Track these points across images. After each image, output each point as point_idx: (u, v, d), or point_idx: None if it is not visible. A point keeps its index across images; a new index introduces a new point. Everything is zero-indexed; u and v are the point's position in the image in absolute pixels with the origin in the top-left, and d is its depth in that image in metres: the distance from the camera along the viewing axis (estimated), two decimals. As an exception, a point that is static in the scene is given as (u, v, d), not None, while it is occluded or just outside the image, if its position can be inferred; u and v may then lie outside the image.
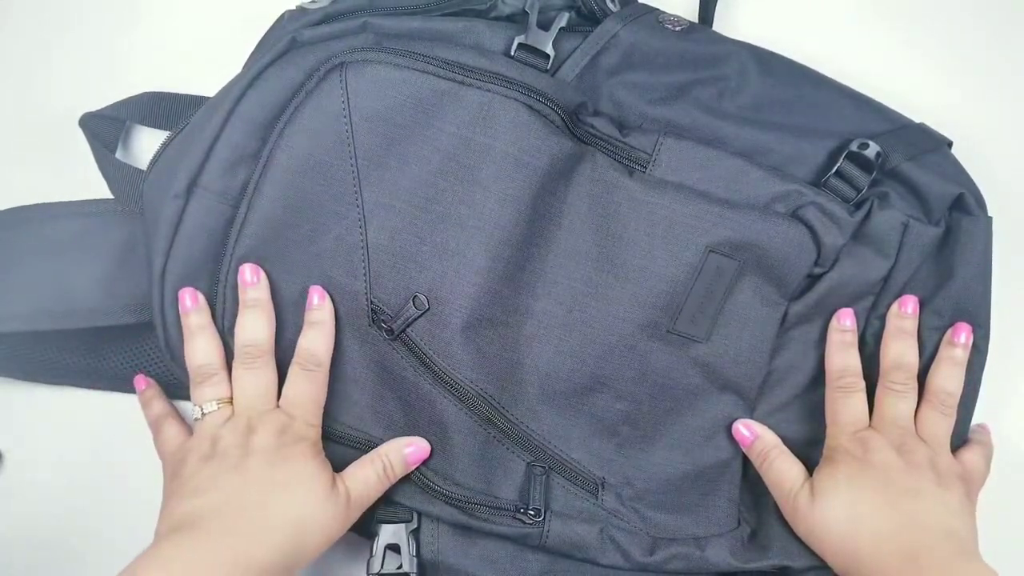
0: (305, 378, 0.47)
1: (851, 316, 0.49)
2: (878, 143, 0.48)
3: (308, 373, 0.47)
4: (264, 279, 0.47)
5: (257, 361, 0.47)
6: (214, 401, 0.47)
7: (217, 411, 0.46)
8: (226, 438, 0.45)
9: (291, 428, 0.46)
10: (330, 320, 0.47)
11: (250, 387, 0.47)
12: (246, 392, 0.47)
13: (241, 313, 0.47)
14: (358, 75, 0.46)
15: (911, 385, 0.48)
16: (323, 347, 0.47)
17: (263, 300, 0.47)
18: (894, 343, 0.49)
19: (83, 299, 0.51)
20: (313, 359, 0.47)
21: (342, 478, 0.46)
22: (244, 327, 0.47)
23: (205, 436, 0.46)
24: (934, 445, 0.47)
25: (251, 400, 0.46)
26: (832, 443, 0.48)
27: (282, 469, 0.44)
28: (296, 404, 0.47)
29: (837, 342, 0.49)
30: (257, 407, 0.46)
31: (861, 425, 0.48)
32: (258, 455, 0.44)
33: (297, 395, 0.47)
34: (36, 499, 0.55)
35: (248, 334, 0.47)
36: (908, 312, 0.49)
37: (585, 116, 0.48)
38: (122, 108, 0.54)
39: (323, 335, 0.47)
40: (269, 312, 0.47)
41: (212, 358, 0.47)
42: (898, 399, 0.48)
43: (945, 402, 0.48)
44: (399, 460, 0.48)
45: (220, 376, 0.47)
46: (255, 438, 0.45)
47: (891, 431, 0.47)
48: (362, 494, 0.47)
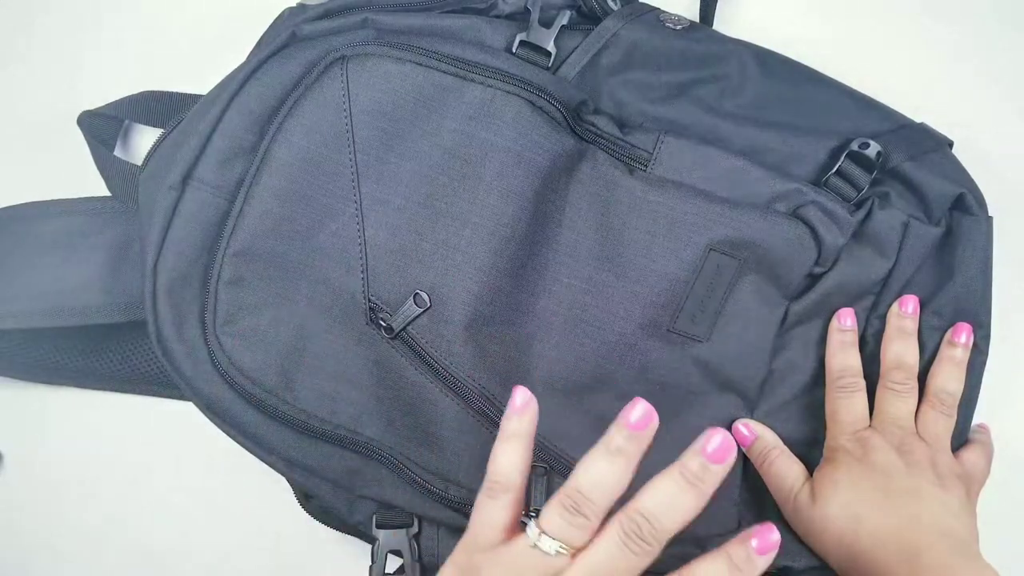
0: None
1: (851, 316, 0.49)
2: (879, 143, 0.48)
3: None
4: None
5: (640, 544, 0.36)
6: (559, 543, 0.36)
7: (553, 556, 0.36)
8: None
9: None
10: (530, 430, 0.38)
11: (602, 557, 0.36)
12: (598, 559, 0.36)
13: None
14: (359, 68, 0.46)
15: (911, 385, 0.48)
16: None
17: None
18: (894, 343, 0.49)
19: (79, 297, 0.51)
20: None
21: None
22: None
23: (514, 569, 0.36)
24: (934, 445, 0.47)
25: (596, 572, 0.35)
26: (832, 443, 0.48)
27: None
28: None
29: (837, 342, 0.49)
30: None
31: (861, 425, 0.48)
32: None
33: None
34: (36, 499, 0.55)
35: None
36: (908, 312, 0.49)
37: (586, 114, 0.48)
38: (120, 107, 0.54)
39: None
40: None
41: (596, 494, 0.37)
42: (898, 399, 0.48)
43: (945, 402, 0.48)
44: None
45: (590, 522, 0.36)
46: None
47: (891, 431, 0.47)
48: None
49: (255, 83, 0.46)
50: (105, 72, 0.57)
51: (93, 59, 0.57)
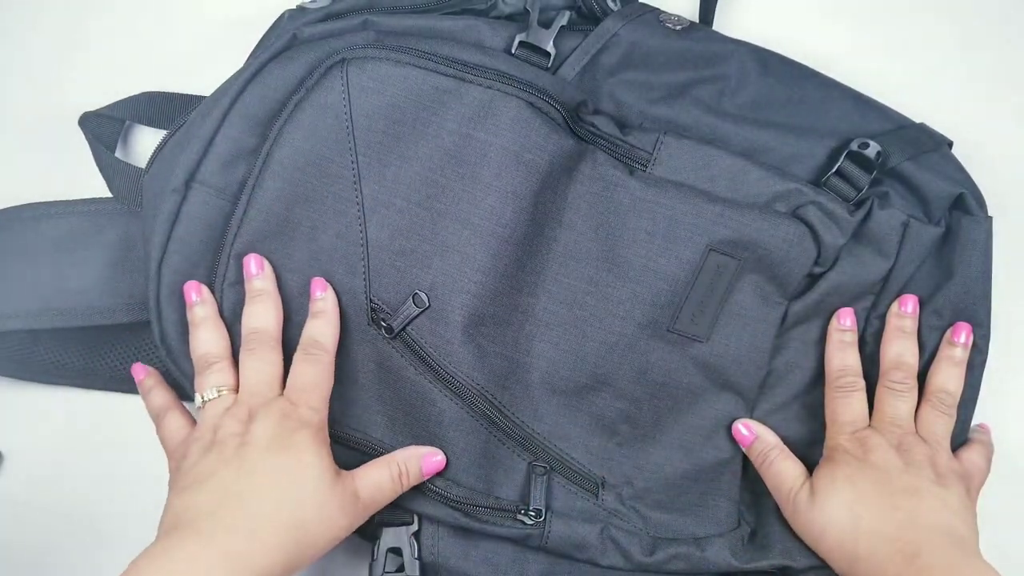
0: (308, 363, 0.46)
1: (851, 316, 0.49)
2: (878, 142, 0.48)
3: (311, 358, 0.46)
4: (269, 269, 0.47)
5: (262, 348, 0.46)
6: (215, 388, 0.45)
7: (218, 398, 0.45)
8: (226, 426, 0.44)
9: (293, 414, 0.44)
10: (333, 309, 0.47)
11: (254, 374, 0.45)
12: (249, 379, 0.45)
13: (248, 302, 0.47)
14: (359, 71, 0.46)
15: (911, 384, 0.48)
16: (327, 334, 0.46)
17: (268, 289, 0.47)
18: (893, 343, 0.49)
19: (81, 298, 0.51)
20: (316, 345, 0.46)
21: (352, 476, 0.45)
22: (249, 315, 0.46)
23: (206, 425, 0.44)
24: (933, 444, 0.47)
25: (254, 387, 0.45)
26: (831, 443, 0.48)
27: (282, 459, 0.42)
28: (299, 389, 0.45)
29: (837, 341, 0.49)
30: (260, 394, 0.45)
31: (860, 425, 0.48)
32: (258, 444, 0.43)
33: (300, 380, 0.45)
34: (36, 499, 0.55)
35: (253, 321, 0.46)
36: (908, 311, 0.49)
37: (586, 114, 0.48)
38: (122, 107, 0.54)
39: (327, 323, 0.46)
40: (275, 300, 0.47)
41: (215, 347, 0.46)
42: (898, 399, 0.48)
43: (944, 401, 0.48)
44: (415, 468, 0.47)
45: (223, 364, 0.46)
46: (255, 426, 0.43)
47: (890, 431, 0.47)
48: (372, 496, 0.45)
49: (256, 86, 0.46)
50: (107, 73, 0.57)
51: (95, 60, 0.58)
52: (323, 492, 0.43)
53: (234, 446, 0.43)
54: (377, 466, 0.46)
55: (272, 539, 0.41)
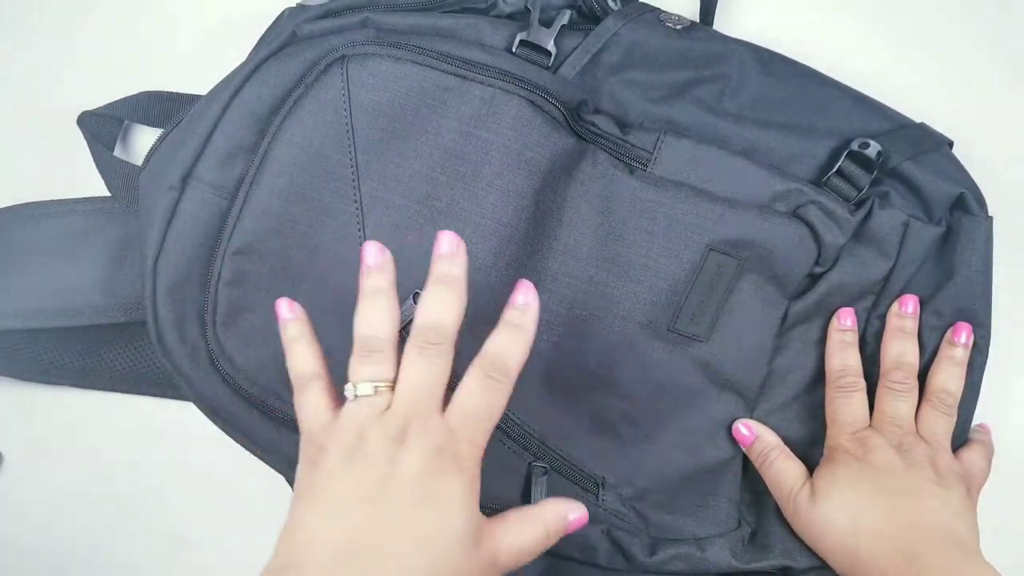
0: (488, 388, 0.38)
1: (851, 316, 0.49)
2: (879, 142, 0.48)
3: (492, 382, 0.38)
4: (463, 251, 0.39)
5: (436, 348, 0.38)
6: (372, 383, 0.38)
7: (374, 396, 0.38)
8: (374, 439, 0.37)
9: (450, 448, 0.37)
10: (533, 325, 0.39)
11: (419, 377, 0.38)
12: (413, 382, 0.38)
13: (428, 289, 0.39)
14: (359, 68, 0.46)
15: (911, 385, 0.48)
16: (518, 356, 0.39)
17: (459, 278, 0.39)
18: (894, 343, 0.49)
19: (79, 297, 0.51)
20: (502, 367, 0.38)
21: (493, 536, 0.38)
22: (429, 305, 0.38)
23: (351, 427, 0.37)
24: (934, 444, 0.47)
25: (416, 394, 0.37)
26: (832, 443, 0.48)
27: (429, 512, 0.36)
28: (465, 416, 0.38)
29: (837, 341, 0.49)
30: (421, 407, 0.37)
31: (861, 425, 0.48)
32: (406, 481, 0.36)
33: (471, 406, 0.38)
34: (36, 499, 0.55)
35: (432, 314, 0.38)
36: (908, 312, 0.49)
37: (586, 114, 0.48)
38: (120, 107, 0.54)
39: (521, 342, 0.39)
40: (461, 291, 0.39)
41: (383, 329, 0.38)
42: (898, 399, 0.48)
43: (945, 401, 0.48)
44: (560, 528, 0.40)
45: (388, 354, 0.38)
46: (407, 453, 0.36)
47: (891, 431, 0.47)
48: (512, 562, 0.38)
49: (255, 83, 0.46)
50: (105, 72, 0.57)
51: (94, 59, 0.57)
52: (462, 559, 0.36)
53: (379, 476, 0.36)
54: (522, 525, 0.39)
55: None
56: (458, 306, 0.38)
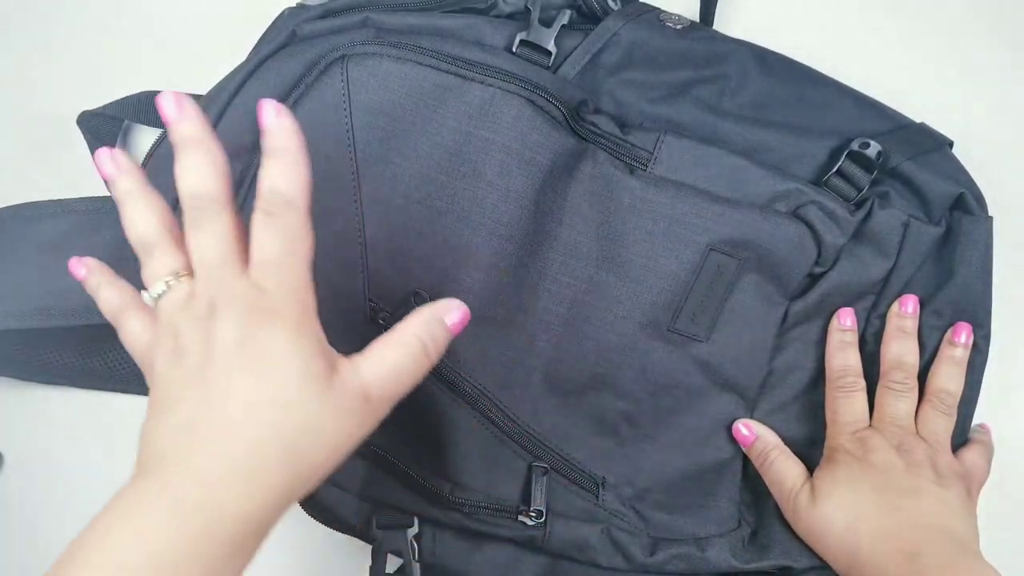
0: (271, 227, 0.35)
1: (851, 316, 0.49)
2: (879, 142, 0.48)
3: (273, 220, 0.35)
4: (196, 109, 0.35)
5: (208, 214, 0.35)
6: (163, 279, 0.36)
7: (170, 290, 0.35)
8: (185, 329, 0.34)
9: (261, 303, 0.34)
10: (295, 142, 0.36)
11: (205, 250, 0.35)
12: (202, 258, 0.35)
13: (176, 157, 0.35)
14: (359, 68, 0.46)
15: (911, 384, 0.48)
16: (293, 180, 0.35)
17: (200, 135, 0.35)
18: (894, 343, 0.49)
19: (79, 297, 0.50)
20: (279, 199, 0.35)
21: (354, 367, 0.35)
22: (182, 173, 0.35)
23: (165, 328, 0.35)
24: (934, 444, 0.47)
25: (210, 269, 0.35)
26: (832, 443, 0.48)
27: (256, 370, 0.33)
28: (265, 265, 0.34)
29: (837, 341, 0.49)
30: (218, 278, 0.35)
31: (861, 425, 0.48)
32: (224, 353, 0.33)
33: (264, 253, 0.34)
34: (36, 499, 0.55)
35: (190, 181, 0.35)
36: (908, 312, 0.49)
37: (586, 114, 0.48)
38: (120, 107, 0.54)
39: (290, 164, 0.35)
40: (213, 152, 0.35)
41: (153, 224, 0.37)
42: (898, 399, 0.48)
43: (945, 401, 0.48)
44: (441, 332, 0.37)
45: (165, 244, 0.36)
46: (218, 325, 0.34)
47: (891, 431, 0.47)
48: (389, 387, 0.36)
49: (255, 82, 0.46)
50: (105, 72, 0.57)
51: (93, 59, 0.57)
52: (313, 403, 0.34)
53: (198, 359, 0.34)
54: (389, 345, 0.36)
55: (253, 478, 0.33)
56: (212, 164, 0.35)
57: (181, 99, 0.35)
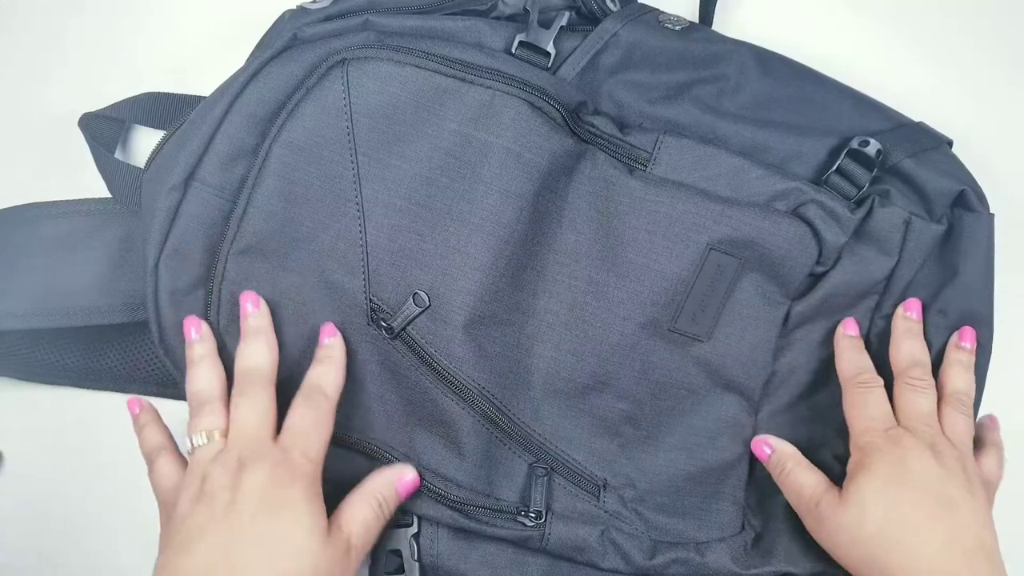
0: (307, 407, 0.44)
1: (855, 325, 0.49)
2: (878, 140, 0.48)
3: (311, 402, 0.44)
4: (265, 307, 0.47)
5: (254, 388, 0.44)
6: (204, 432, 0.43)
7: (207, 444, 0.43)
8: (214, 476, 0.41)
9: (285, 464, 0.42)
10: (340, 356, 0.46)
11: (244, 416, 0.44)
12: (240, 422, 0.43)
13: (242, 341, 0.46)
14: (360, 71, 0.46)
15: (929, 381, 0.47)
16: (331, 380, 0.45)
17: (264, 327, 0.46)
18: (905, 342, 0.48)
19: (80, 298, 0.51)
20: (318, 390, 0.45)
21: (340, 524, 0.43)
22: (243, 354, 0.45)
23: (195, 473, 0.42)
24: (960, 446, 0.46)
25: (245, 430, 0.43)
26: (862, 442, 0.46)
27: (274, 521, 0.40)
28: (294, 434, 0.43)
29: (847, 347, 0.49)
30: (251, 439, 0.43)
31: (889, 421, 0.46)
32: (248, 501, 0.40)
33: (296, 424, 0.44)
34: (36, 499, 0.55)
35: (247, 360, 0.45)
36: (913, 316, 0.48)
37: (586, 115, 0.48)
38: (122, 108, 0.54)
39: (332, 368, 0.46)
40: (271, 340, 0.46)
41: (208, 386, 0.45)
42: (920, 395, 0.47)
43: (964, 402, 0.47)
44: (392, 494, 0.46)
45: (215, 405, 0.44)
46: (246, 477, 0.41)
47: (922, 430, 0.46)
48: (363, 539, 0.43)
49: (256, 85, 0.46)
50: (106, 74, 0.57)
51: (95, 61, 0.58)
52: (317, 554, 0.41)
53: (223, 502, 0.40)
54: (359, 504, 0.44)
55: None
56: (268, 351, 0.46)
57: (258, 299, 0.47)
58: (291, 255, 0.47)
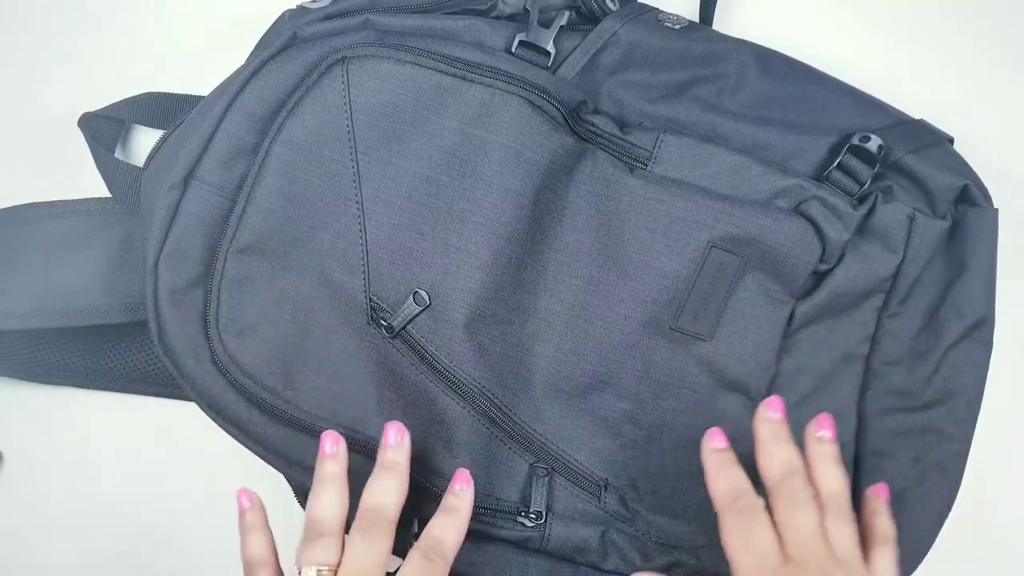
0: (424, 568, 0.41)
1: (722, 436, 0.43)
2: (879, 136, 0.47)
3: (429, 563, 0.42)
4: (407, 441, 0.45)
5: (376, 530, 0.42)
6: (315, 567, 0.41)
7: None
8: None
9: None
10: (467, 512, 0.44)
11: (360, 558, 0.41)
12: (354, 564, 0.41)
13: (376, 474, 0.44)
14: (359, 69, 0.46)
15: (809, 490, 0.41)
16: (454, 540, 0.43)
17: (402, 464, 0.44)
18: (776, 446, 0.42)
19: (80, 297, 0.51)
20: (439, 549, 0.42)
21: None
22: (374, 489, 0.43)
23: None
24: (850, 563, 0.39)
25: (355, 573, 0.41)
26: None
27: None
28: None
29: (716, 463, 0.42)
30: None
31: (777, 557, 0.39)
32: None
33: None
34: (36, 499, 0.55)
35: (376, 497, 0.43)
36: (828, 436, 0.43)
37: (586, 114, 0.48)
38: (121, 108, 0.55)
39: (457, 525, 0.44)
40: (405, 480, 0.44)
41: (331, 515, 0.43)
42: (801, 512, 0.40)
43: (841, 505, 0.41)
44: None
45: (332, 540, 0.42)
46: None
47: (810, 558, 0.39)
48: None
49: (256, 84, 0.46)
50: (106, 73, 0.58)
51: (94, 60, 0.58)
52: None
53: None
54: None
55: None
56: (399, 491, 0.43)
57: (403, 431, 0.45)
58: (291, 254, 0.47)
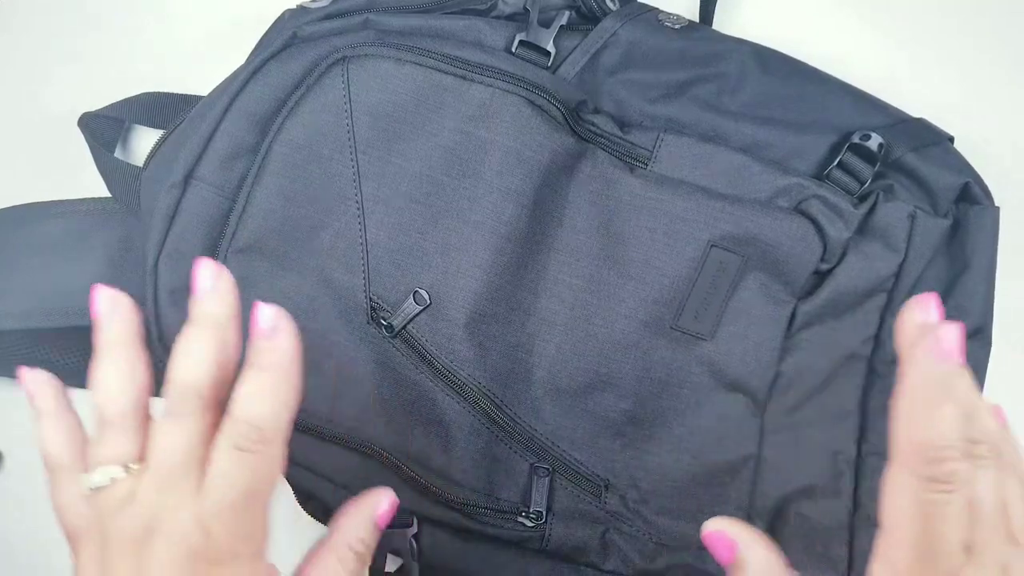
0: (240, 462, 0.30)
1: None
2: (880, 135, 0.47)
3: (244, 455, 0.30)
4: (226, 284, 0.32)
5: (184, 409, 0.30)
6: (108, 468, 0.30)
7: (111, 486, 0.30)
8: (114, 549, 0.29)
9: (206, 554, 0.29)
10: (287, 362, 0.31)
11: (168, 446, 0.30)
12: (161, 455, 0.30)
13: (184, 331, 0.31)
14: (360, 69, 0.46)
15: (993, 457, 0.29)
16: (271, 410, 0.30)
17: (218, 317, 0.31)
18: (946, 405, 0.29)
19: (80, 298, 0.50)
20: (254, 432, 0.30)
21: None
22: (179, 354, 0.31)
23: (95, 531, 0.30)
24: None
25: (163, 473, 0.30)
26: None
27: None
28: (221, 506, 0.29)
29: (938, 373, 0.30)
30: (169, 489, 0.29)
31: (956, 554, 0.28)
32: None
33: (222, 492, 0.29)
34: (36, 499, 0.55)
35: (181, 367, 0.30)
36: None
37: (586, 114, 0.48)
38: (121, 108, 0.55)
39: (272, 391, 0.30)
40: (222, 338, 0.31)
41: (115, 392, 0.31)
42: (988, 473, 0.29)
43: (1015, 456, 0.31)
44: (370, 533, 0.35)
45: (128, 422, 0.31)
46: (151, 565, 0.29)
47: (992, 554, 0.28)
48: None
49: (256, 84, 0.46)
50: (106, 73, 0.58)
51: (94, 60, 0.58)
52: None
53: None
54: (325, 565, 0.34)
55: None
56: (215, 358, 0.31)
57: (221, 270, 0.32)
58: (290, 253, 0.47)
